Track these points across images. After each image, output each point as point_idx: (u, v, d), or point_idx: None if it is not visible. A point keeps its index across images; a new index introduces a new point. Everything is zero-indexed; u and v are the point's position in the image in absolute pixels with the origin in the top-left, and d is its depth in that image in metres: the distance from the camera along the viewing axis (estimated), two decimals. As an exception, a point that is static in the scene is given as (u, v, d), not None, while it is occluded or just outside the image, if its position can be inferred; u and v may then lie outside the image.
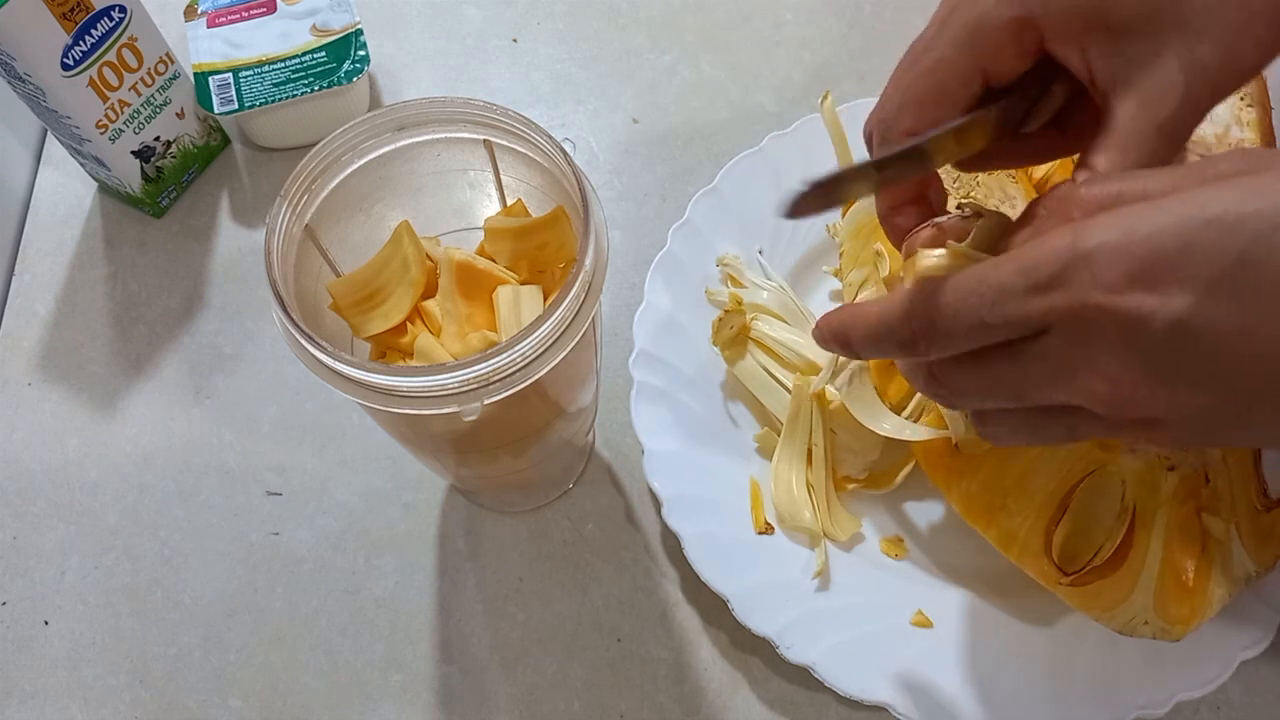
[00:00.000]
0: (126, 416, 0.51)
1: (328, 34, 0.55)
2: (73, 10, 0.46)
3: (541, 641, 0.45)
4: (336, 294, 0.37)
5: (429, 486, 0.49)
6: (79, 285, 0.55)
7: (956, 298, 0.25)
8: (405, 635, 0.46)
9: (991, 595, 0.44)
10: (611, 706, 0.44)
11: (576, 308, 0.31)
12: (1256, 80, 0.45)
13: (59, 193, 0.58)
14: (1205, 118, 0.28)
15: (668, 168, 0.57)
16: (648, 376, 0.46)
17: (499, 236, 0.38)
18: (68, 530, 0.49)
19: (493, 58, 0.62)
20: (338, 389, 0.31)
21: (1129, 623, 0.39)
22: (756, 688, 0.44)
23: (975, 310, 0.25)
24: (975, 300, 0.25)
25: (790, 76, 0.60)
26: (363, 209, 0.37)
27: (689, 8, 0.63)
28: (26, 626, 0.47)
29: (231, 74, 0.54)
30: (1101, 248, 0.23)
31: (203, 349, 0.53)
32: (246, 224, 0.57)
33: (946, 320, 0.26)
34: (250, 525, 0.48)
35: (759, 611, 0.42)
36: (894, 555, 0.45)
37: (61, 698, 0.45)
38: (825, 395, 0.44)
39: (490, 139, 0.36)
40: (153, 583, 0.47)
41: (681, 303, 0.49)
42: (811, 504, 0.44)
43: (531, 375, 0.30)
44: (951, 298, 0.25)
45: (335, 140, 0.34)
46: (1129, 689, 0.40)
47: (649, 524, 0.48)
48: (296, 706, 0.44)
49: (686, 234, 0.50)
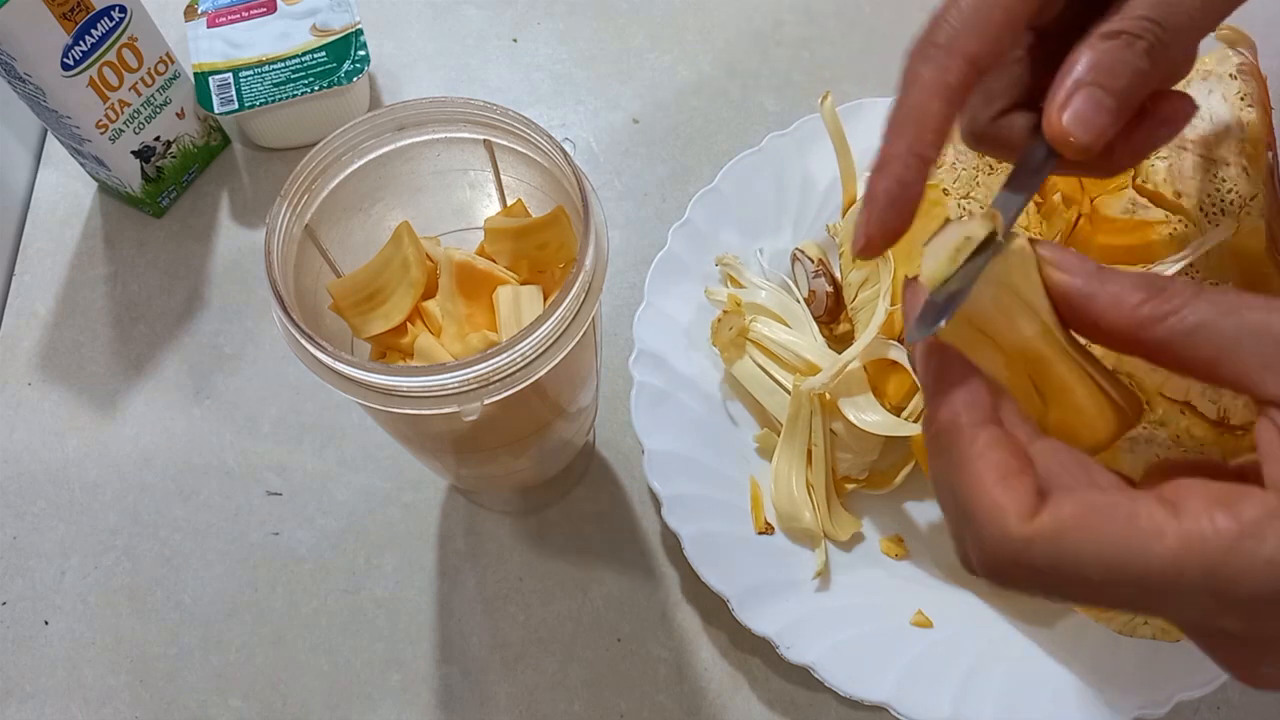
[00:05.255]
0: (126, 416, 0.51)
1: (328, 34, 0.55)
2: (73, 10, 0.46)
3: (541, 641, 0.45)
4: (337, 294, 0.37)
5: (429, 486, 0.49)
6: (79, 285, 0.55)
7: (1104, 575, 0.20)
8: (405, 635, 0.46)
9: (991, 595, 0.44)
10: (611, 706, 0.44)
11: (576, 308, 0.31)
12: (1257, 80, 0.44)
13: (59, 193, 0.58)
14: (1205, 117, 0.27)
15: (668, 168, 0.58)
16: (648, 376, 0.46)
17: (499, 236, 0.38)
18: (68, 530, 0.49)
19: (493, 58, 0.62)
20: (338, 389, 0.31)
21: (1129, 623, 0.39)
22: (756, 688, 0.44)
23: (1124, 594, 0.21)
24: (1130, 590, 0.20)
25: (790, 76, 0.60)
26: (363, 209, 0.37)
27: (689, 8, 0.63)
28: (26, 626, 0.47)
29: (231, 74, 0.54)
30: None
31: (203, 349, 0.53)
32: (246, 224, 0.57)
33: (1076, 589, 0.21)
34: (250, 525, 0.48)
35: (759, 611, 0.42)
36: (894, 555, 0.45)
37: (61, 698, 0.45)
38: (825, 395, 0.44)
39: (490, 139, 0.36)
40: (153, 583, 0.47)
41: (681, 303, 0.49)
42: (811, 504, 0.44)
43: (531, 375, 0.30)
44: (1097, 573, 0.20)
45: (335, 140, 0.34)
46: (1129, 689, 0.40)
47: (649, 524, 0.48)
48: (296, 706, 0.44)
49: (686, 234, 0.50)
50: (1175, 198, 0.42)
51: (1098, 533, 0.20)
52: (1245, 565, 0.19)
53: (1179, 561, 0.20)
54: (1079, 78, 0.25)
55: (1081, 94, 0.25)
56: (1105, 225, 0.44)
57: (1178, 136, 0.43)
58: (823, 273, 0.48)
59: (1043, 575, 0.21)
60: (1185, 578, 0.20)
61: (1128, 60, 0.25)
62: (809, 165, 0.51)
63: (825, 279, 0.48)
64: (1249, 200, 0.42)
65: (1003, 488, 0.21)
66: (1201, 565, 0.19)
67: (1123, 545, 0.20)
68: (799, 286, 0.49)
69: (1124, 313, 0.22)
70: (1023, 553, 0.21)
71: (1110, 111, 0.25)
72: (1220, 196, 0.42)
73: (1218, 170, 0.43)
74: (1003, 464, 0.22)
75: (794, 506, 0.44)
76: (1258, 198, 0.42)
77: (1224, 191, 0.42)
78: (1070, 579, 0.21)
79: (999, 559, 0.21)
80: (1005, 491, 0.21)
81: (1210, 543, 0.19)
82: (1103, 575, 0.20)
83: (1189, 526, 0.20)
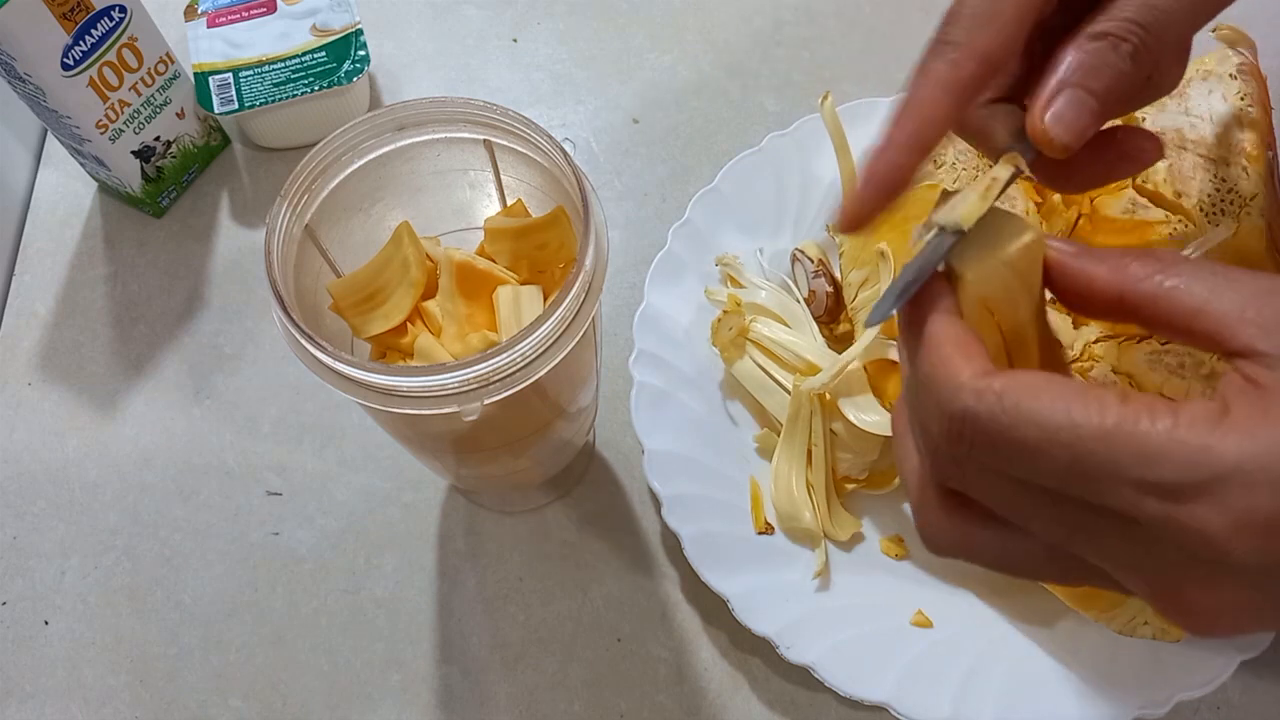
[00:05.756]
0: (126, 416, 0.51)
1: (328, 34, 0.55)
2: (73, 10, 0.46)
3: (541, 641, 0.45)
4: (337, 294, 0.37)
5: (429, 486, 0.49)
6: (79, 285, 0.55)
7: (1039, 434, 0.21)
8: (405, 635, 0.46)
9: (991, 595, 0.44)
10: (611, 706, 0.44)
11: (576, 308, 0.31)
12: (1257, 80, 0.44)
13: (59, 193, 0.58)
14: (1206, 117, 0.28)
15: (668, 168, 0.58)
16: (648, 376, 0.46)
17: (499, 236, 0.38)
18: (68, 530, 0.49)
19: (493, 58, 0.62)
20: (338, 389, 0.31)
21: (1129, 623, 0.38)
22: (756, 688, 0.44)
23: (1056, 466, 0.21)
24: (1063, 455, 0.21)
25: (790, 76, 0.60)
26: (363, 209, 0.37)
27: (689, 8, 0.63)
28: (26, 626, 0.47)
29: (231, 74, 0.54)
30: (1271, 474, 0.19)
31: (203, 349, 0.53)
32: (246, 224, 0.57)
33: (1014, 454, 0.21)
34: (250, 525, 0.48)
35: (759, 611, 0.42)
36: (894, 555, 0.45)
37: (61, 698, 0.45)
38: (825, 395, 0.44)
39: (490, 139, 0.36)
40: (153, 583, 0.47)
41: (681, 303, 0.49)
42: (811, 504, 0.44)
43: (531, 375, 0.30)
44: (1033, 432, 0.21)
45: (335, 140, 0.34)
46: (1129, 689, 0.40)
47: (649, 524, 0.48)
48: (296, 706, 0.44)
49: (686, 234, 0.50)
50: (1175, 198, 0.42)
51: (1044, 396, 0.21)
52: (1177, 450, 0.20)
53: (1112, 436, 0.20)
54: (1063, 78, 0.26)
55: (1065, 95, 0.26)
56: (1105, 225, 0.44)
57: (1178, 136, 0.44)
58: (823, 273, 0.48)
59: (984, 434, 0.22)
60: (1116, 455, 0.20)
61: (1112, 63, 0.26)
62: (809, 165, 0.51)
63: (825, 279, 0.48)
64: (1249, 200, 0.42)
65: (962, 355, 0.23)
66: (1134, 444, 0.20)
67: (1063, 411, 0.21)
68: (799, 286, 0.49)
69: (1113, 272, 0.23)
70: (971, 404, 0.22)
71: (1092, 113, 0.26)
72: (1220, 196, 0.42)
73: (1218, 170, 0.43)
74: (964, 339, 0.23)
75: (794, 506, 0.44)
76: (1258, 198, 0.42)
77: (1224, 191, 0.42)
78: (1009, 441, 0.21)
79: (948, 409, 0.22)
80: (964, 358, 0.23)
81: (1144, 424, 0.20)
82: (1038, 437, 0.21)
83: (1129, 409, 0.20)
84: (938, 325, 0.24)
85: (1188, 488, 0.20)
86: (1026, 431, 0.21)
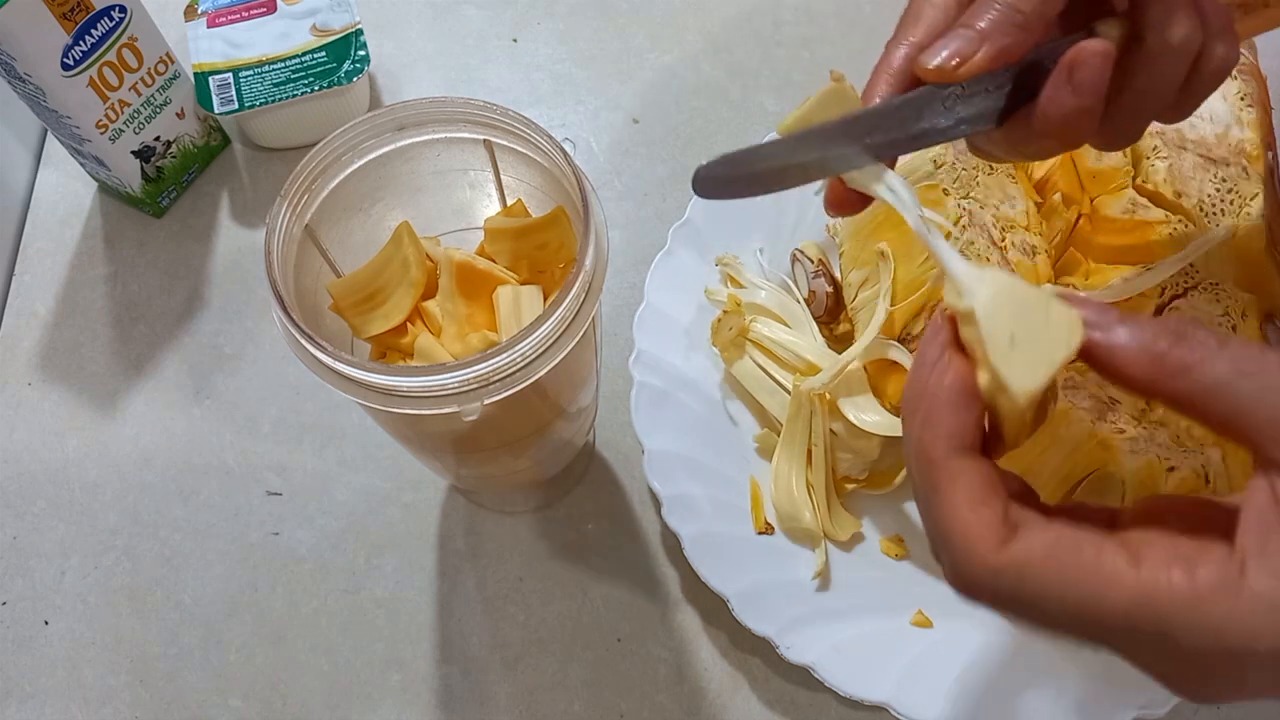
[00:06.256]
0: (126, 416, 0.51)
1: (328, 34, 0.55)
2: (73, 10, 0.46)
3: (541, 641, 0.45)
4: (336, 294, 0.37)
5: (429, 486, 0.49)
6: (79, 285, 0.55)
7: (1059, 610, 0.22)
8: (405, 635, 0.46)
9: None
10: (611, 706, 0.44)
11: (576, 308, 0.31)
12: (1257, 80, 0.45)
13: (59, 193, 0.58)
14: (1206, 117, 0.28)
15: (668, 168, 0.58)
16: (648, 376, 0.46)
17: (499, 236, 0.38)
18: (68, 530, 0.49)
19: (493, 58, 0.62)
20: (338, 389, 0.31)
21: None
22: (756, 688, 0.44)
23: (1080, 634, 0.22)
24: (1087, 631, 0.22)
25: (790, 76, 0.60)
26: (363, 209, 0.37)
27: (689, 8, 0.63)
28: (26, 626, 0.47)
29: (231, 74, 0.54)
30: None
31: (203, 349, 0.53)
32: (246, 224, 0.57)
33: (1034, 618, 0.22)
34: (250, 525, 0.48)
35: (759, 611, 0.42)
36: (894, 555, 0.45)
37: (61, 698, 0.45)
38: (825, 395, 0.44)
39: (490, 139, 0.36)
40: (153, 583, 0.47)
41: (681, 303, 0.49)
42: (811, 504, 0.44)
43: (531, 375, 0.30)
44: (1054, 607, 0.22)
45: (335, 140, 0.34)
46: (1129, 689, 0.40)
47: (649, 524, 0.48)
48: (296, 706, 0.44)
49: (686, 234, 0.50)
50: (1175, 198, 0.42)
51: (1060, 573, 0.22)
52: (1194, 625, 0.20)
53: (1133, 612, 0.21)
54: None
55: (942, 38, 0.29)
56: (1105, 225, 0.44)
57: (1178, 136, 0.44)
58: (823, 273, 0.48)
59: (1008, 604, 0.23)
60: (1137, 627, 0.21)
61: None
62: (809, 165, 0.51)
63: (825, 279, 0.48)
64: (1249, 200, 0.42)
65: (975, 515, 0.23)
66: (1153, 619, 0.21)
67: (1082, 588, 0.21)
68: (799, 286, 0.49)
69: (1146, 365, 0.23)
70: (990, 582, 0.22)
71: (967, 40, 0.28)
72: (1220, 196, 0.42)
73: (1218, 170, 0.43)
74: (980, 493, 0.23)
75: (794, 506, 0.44)
76: (1258, 198, 0.42)
77: (1224, 191, 0.42)
78: (1032, 612, 0.22)
79: (969, 583, 0.23)
80: (978, 520, 0.23)
81: (1163, 599, 0.21)
82: (1060, 611, 0.22)
83: (1146, 578, 0.21)
84: (953, 471, 0.23)
85: (1210, 654, 0.21)
86: (1048, 607, 0.22)
